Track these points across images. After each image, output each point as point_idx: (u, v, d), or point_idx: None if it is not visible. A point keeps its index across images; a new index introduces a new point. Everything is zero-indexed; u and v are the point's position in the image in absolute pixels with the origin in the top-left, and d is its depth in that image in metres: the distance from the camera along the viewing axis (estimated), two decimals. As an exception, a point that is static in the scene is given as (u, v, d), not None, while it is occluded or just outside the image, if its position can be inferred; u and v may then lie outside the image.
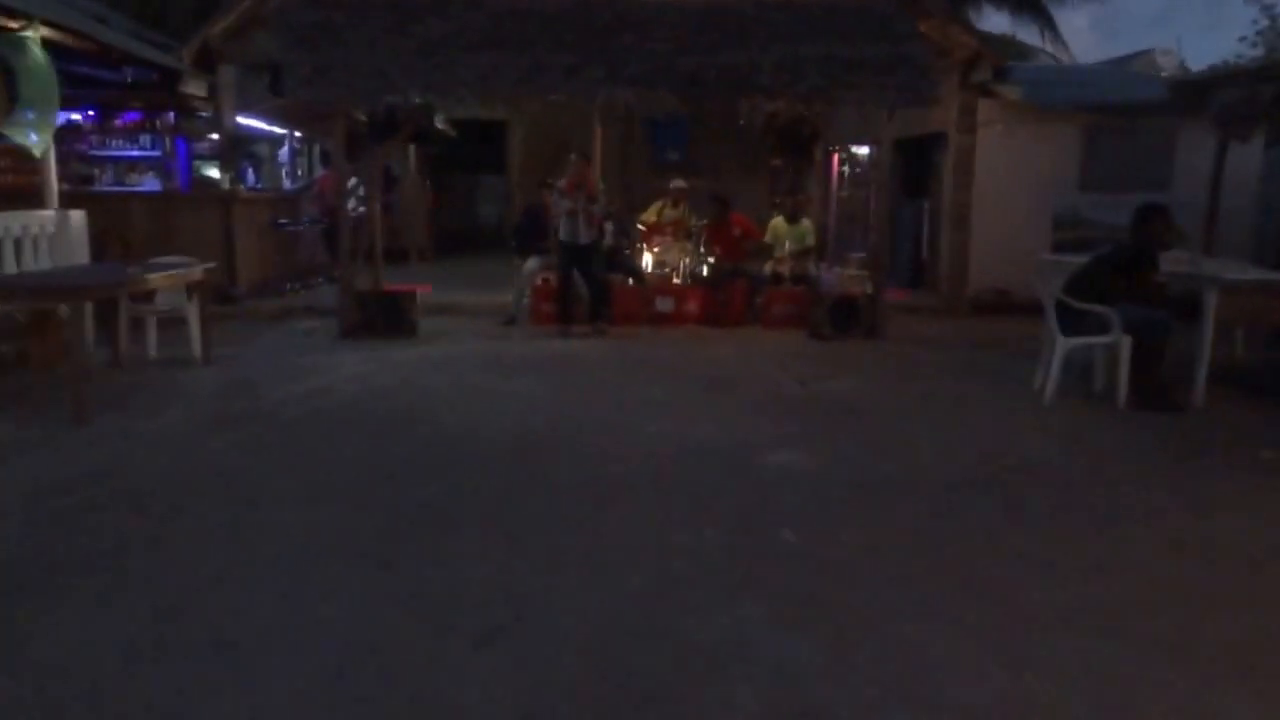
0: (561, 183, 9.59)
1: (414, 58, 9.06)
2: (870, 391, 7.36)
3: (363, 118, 9.96)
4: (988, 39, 11.16)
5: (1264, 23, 22.35)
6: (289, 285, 11.59)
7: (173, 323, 8.10)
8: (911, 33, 10.11)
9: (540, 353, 8.75)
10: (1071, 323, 6.99)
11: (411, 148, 14.92)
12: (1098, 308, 6.83)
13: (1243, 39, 23.19)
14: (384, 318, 9.42)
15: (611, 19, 9.87)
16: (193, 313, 7.77)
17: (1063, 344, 6.99)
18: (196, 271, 7.60)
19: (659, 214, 11.76)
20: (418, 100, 8.70)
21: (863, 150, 14.61)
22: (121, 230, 9.91)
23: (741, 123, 10.91)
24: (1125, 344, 6.81)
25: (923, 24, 10.49)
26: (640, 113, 8.92)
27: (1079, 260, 8.62)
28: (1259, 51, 22.16)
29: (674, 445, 5.73)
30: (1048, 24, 17.06)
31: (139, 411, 6.45)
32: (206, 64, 10.24)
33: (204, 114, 10.69)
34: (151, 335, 8.12)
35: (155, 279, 7.19)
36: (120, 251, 9.64)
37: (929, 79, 9.33)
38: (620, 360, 8.48)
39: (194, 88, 9.82)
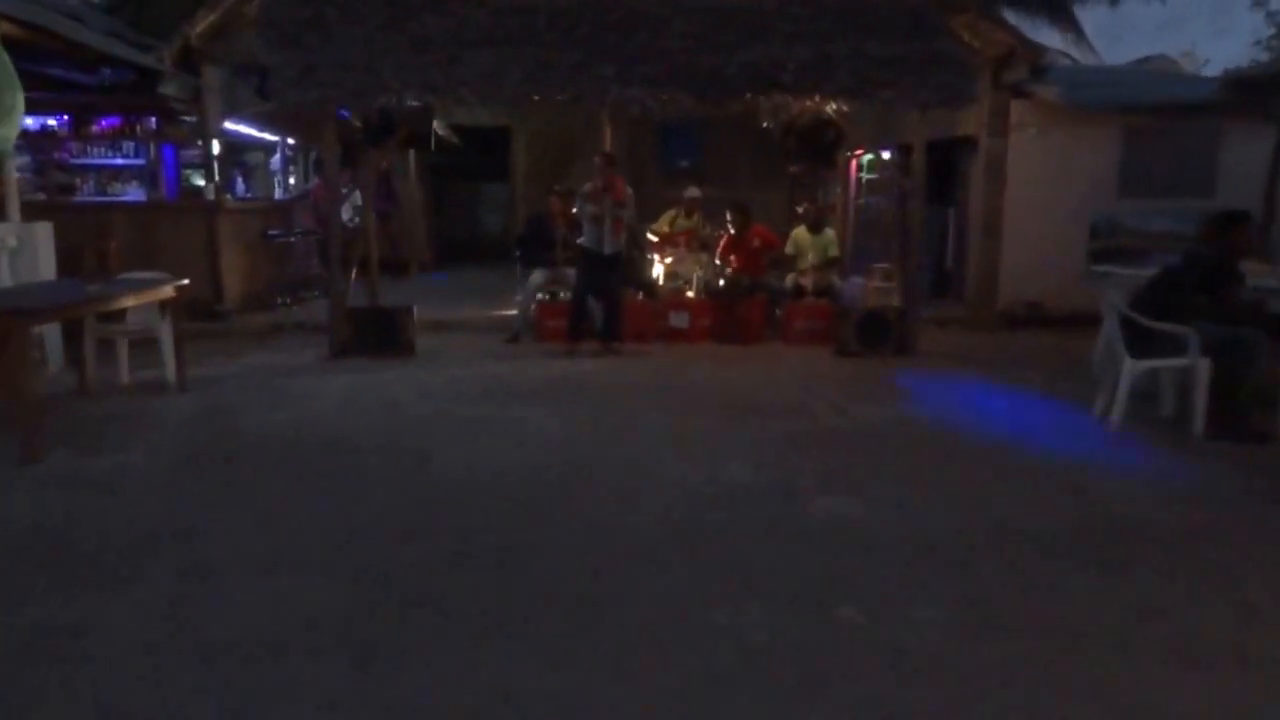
0: (587, 186, 8.76)
1: (410, 56, 8.27)
2: (911, 417, 6.53)
3: (357, 123, 9.17)
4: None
5: (1269, 30, 21.55)
6: (280, 300, 10.78)
7: (149, 344, 7.28)
8: (942, 29, 9.31)
9: (547, 375, 7.92)
10: (1140, 343, 6.17)
11: (411, 154, 14.12)
12: (1174, 327, 6.00)
13: (1257, 43, 22.37)
14: (378, 336, 8.62)
15: (623, 15, 9.07)
16: (165, 333, 6.96)
17: (1131, 367, 6.16)
18: (168, 288, 6.78)
19: (671, 223, 10.94)
20: (413, 102, 7.89)
21: (882, 154, 13.80)
22: (100, 243, 9.11)
23: (766, 125, 10.08)
24: (1204, 367, 5.98)
25: (953, 20, 9.68)
26: (655, 114, 7.99)
27: (1139, 273, 7.84)
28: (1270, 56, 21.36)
29: (703, 491, 4.91)
30: (1070, 24, 16.20)
31: (98, 447, 5.65)
32: (190, 66, 9.44)
33: (188, 119, 9.88)
34: (123, 358, 7.31)
35: (121, 297, 6.38)
36: (97, 266, 8.84)
37: (967, 77, 8.51)
38: (634, 384, 7.66)
39: (175, 90, 9.04)
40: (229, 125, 10.50)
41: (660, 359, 8.77)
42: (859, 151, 13.03)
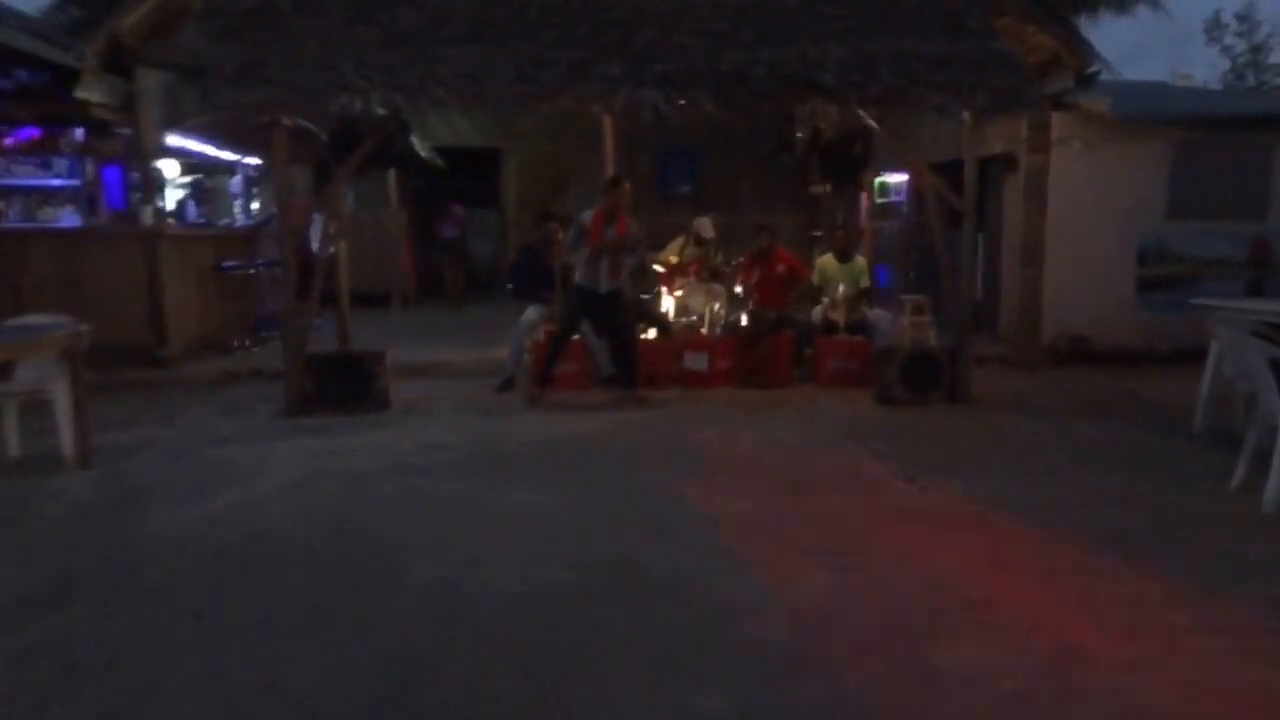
0: (585, 216, 7.09)
1: (378, 52, 6.56)
2: (1015, 497, 4.82)
3: (323, 136, 7.44)
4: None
5: (1226, 63, 20.41)
6: (238, 343, 8.97)
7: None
8: (989, 29, 7.70)
9: (546, 435, 6.18)
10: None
11: (391, 177, 12.37)
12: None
13: (1227, 74, 21.12)
14: (345, 387, 6.86)
15: (629, 11, 7.41)
16: (61, 393, 5.17)
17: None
18: (62, 335, 5.00)
19: (680, 252, 9.26)
20: (380, 109, 6.15)
21: (899, 177, 12.21)
22: (15, 278, 7.30)
23: (799, 135, 8.44)
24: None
25: (995, 21, 8.08)
26: (672, 120, 6.31)
27: (1247, 305, 6.27)
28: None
29: (781, 633, 3.21)
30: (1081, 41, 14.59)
31: (-64, 563, 3.86)
32: (122, 67, 7.65)
33: (122, 130, 8.07)
34: (10, 425, 5.50)
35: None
36: (10, 304, 7.03)
37: (1027, 79, 6.90)
38: (652, 445, 5.94)
39: (99, 95, 7.27)
40: (175, 140, 8.72)
41: (679, 410, 7.06)
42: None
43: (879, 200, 12.99)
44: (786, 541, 4.15)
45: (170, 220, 8.78)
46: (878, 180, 11.93)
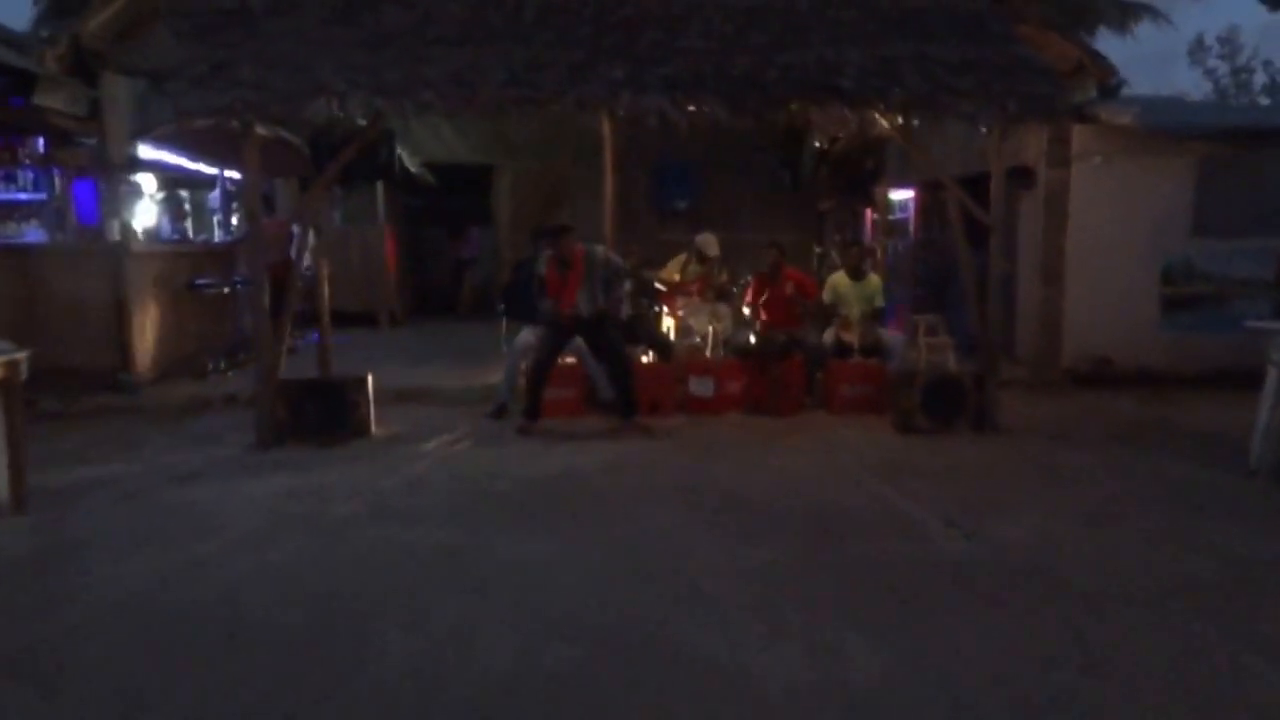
0: (540, 267, 6.65)
1: (359, 53, 5.97)
2: (1073, 546, 4.22)
3: (293, 139, 6.86)
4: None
5: (1208, 85, 20.07)
6: (214, 366, 8.31)
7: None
8: (1012, 34, 7.17)
9: (542, 471, 5.55)
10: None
11: (380, 192, 11.75)
12: None
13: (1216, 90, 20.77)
14: (322, 416, 6.23)
15: (631, 13, 6.85)
16: (-7, 430, 4.51)
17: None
18: (-3, 364, 4.36)
19: (681, 270, 8.67)
20: (360, 111, 5.55)
21: (904, 193, 11.66)
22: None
23: (820, 145, 7.88)
24: None
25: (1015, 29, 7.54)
26: (680, 127, 5.70)
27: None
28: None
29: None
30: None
31: None
32: (87, 72, 7.03)
33: (86, 141, 7.45)
34: (-59, 463, 4.84)
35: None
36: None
37: (1059, 85, 6.36)
38: (660, 483, 5.32)
39: (60, 101, 6.65)
40: (149, 152, 8.10)
41: (685, 440, 6.44)
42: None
43: (890, 216, 12.47)
44: (822, 604, 3.53)
45: (140, 235, 8.14)
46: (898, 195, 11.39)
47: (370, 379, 6.41)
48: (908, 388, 6.81)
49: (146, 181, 11.11)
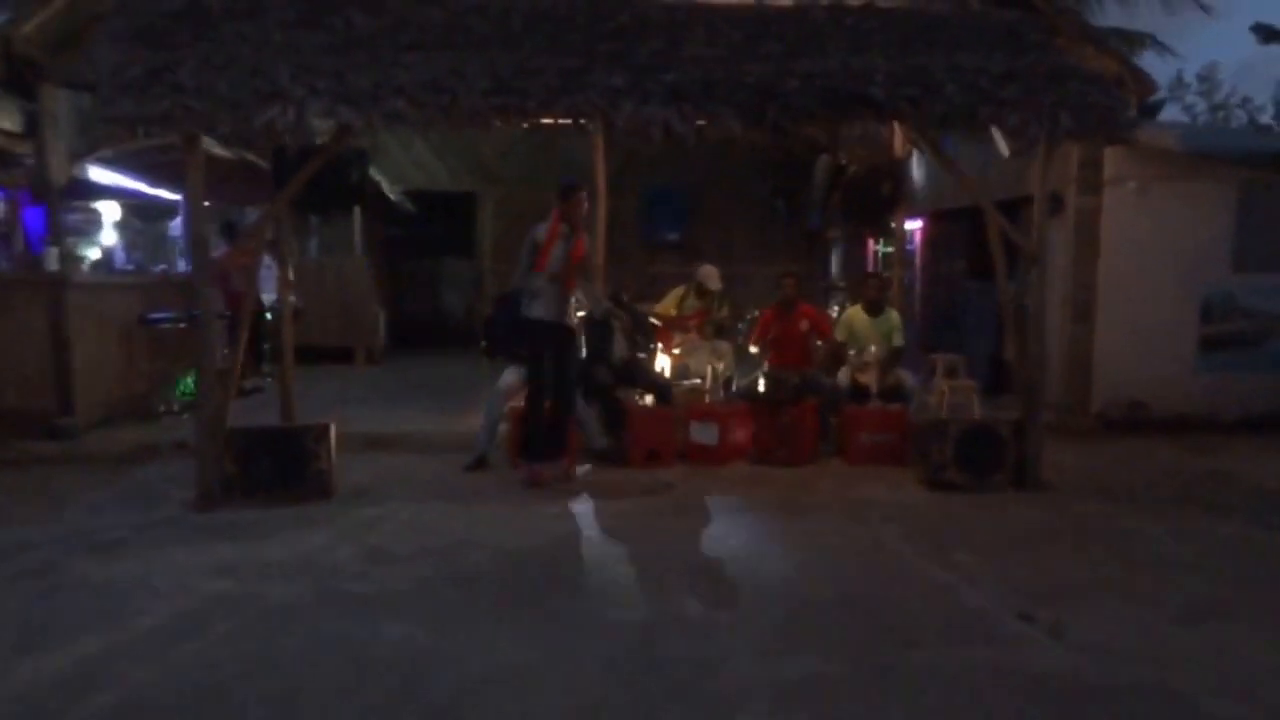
0: (540, 231, 5.74)
1: (323, 57, 5.19)
2: (1179, 651, 3.41)
3: (263, 163, 6.07)
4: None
5: (1198, 116, 19.75)
6: (165, 407, 7.44)
7: None
8: (1051, 44, 6.48)
9: (525, 540, 4.70)
10: None
11: (357, 221, 10.95)
12: None
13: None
14: (276, 470, 5.37)
15: (629, 21, 6.11)
16: None
17: None
18: None
19: (679, 304, 7.89)
20: (321, 120, 4.77)
21: (911, 223, 10.93)
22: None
23: (845, 163, 7.15)
24: None
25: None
26: (688, 141, 4.91)
27: None
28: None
29: None
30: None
31: None
32: (23, 85, 6.24)
33: (24, 159, 6.63)
34: None
35: None
36: None
37: (1116, 96, 5.64)
38: (664, 555, 4.50)
39: (-15, 114, 5.87)
40: (102, 175, 7.30)
41: (689, 497, 5.60)
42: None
43: (884, 249, 11.73)
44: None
45: (86, 265, 7.31)
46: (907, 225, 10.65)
47: (333, 427, 5.56)
48: (938, 438, 6.00)
49: (109, 209, 10.32)
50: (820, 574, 4.21)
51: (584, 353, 7.23)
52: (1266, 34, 15.20)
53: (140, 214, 10.39)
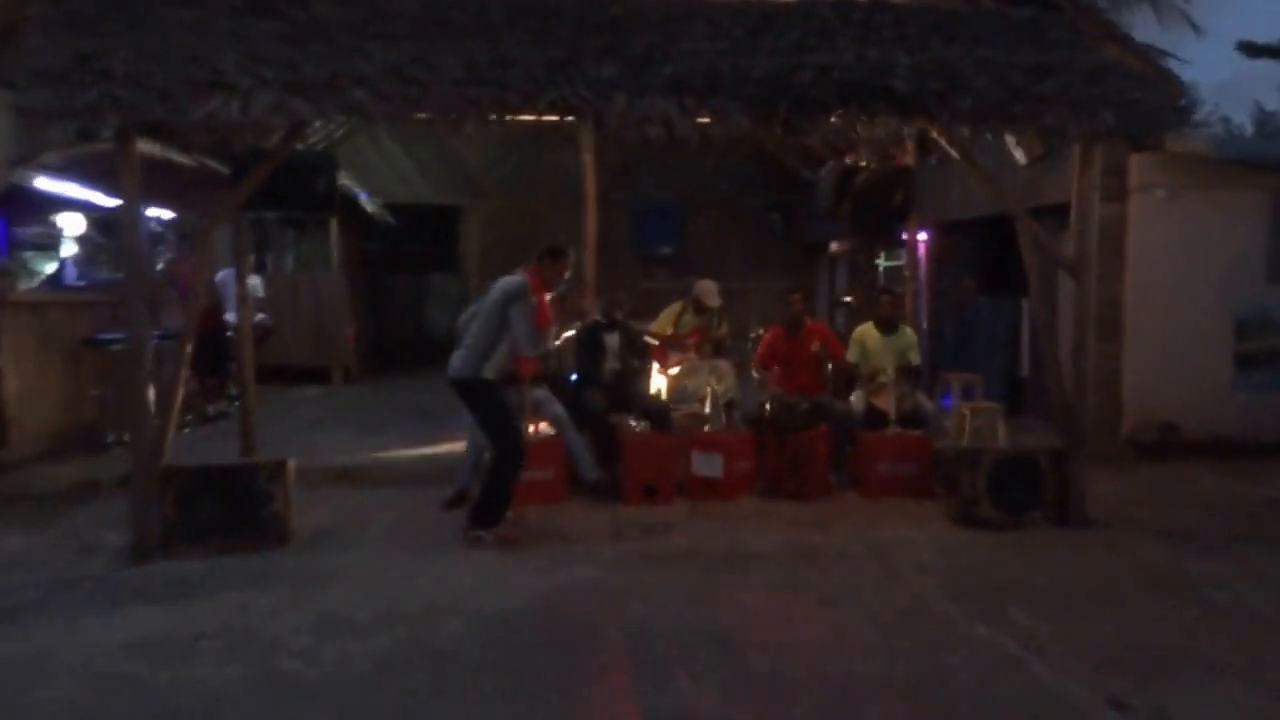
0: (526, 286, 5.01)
1: (275, 45, 4.53)
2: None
3: (223, 168, 5.41)
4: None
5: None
6: (114, 438, 6.73)
7: None
8: (1079, 40, 5.88)
9: (510, 602, 4.01)
10: None
11: (334, 235, 10.28)
12: None
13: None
14: (224, 514, 4.68)
15: (621, 14, 5.49)
16: None
17: None
18: None
19: (675, 321, 7.25)
20: (270, 114, 4.11)
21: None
22: None
23: (860, 165, 6.52)
24: None
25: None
26: (690, 140, 4.27)
27: None
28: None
29: None
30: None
31: None
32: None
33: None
34: None
35: None
36: None
37: (1161, 92, 5.04)
38: (667, 620, 3.80)
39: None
40: (50, 185, 6.63)
41: (694, 544, 4.92)
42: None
43: (885, 263, 11.13)
44: None
45: (13, 282, 6.63)
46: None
47: (290, 464, 4.87)
48: (969, 469, 5.36)
49: (72, 222, 9.64)
50: (856, 646, 3.54)
51: (573, 375, 6.64)
52: (1253, 50, 15.01)
53: (103, 227, 9.70)
